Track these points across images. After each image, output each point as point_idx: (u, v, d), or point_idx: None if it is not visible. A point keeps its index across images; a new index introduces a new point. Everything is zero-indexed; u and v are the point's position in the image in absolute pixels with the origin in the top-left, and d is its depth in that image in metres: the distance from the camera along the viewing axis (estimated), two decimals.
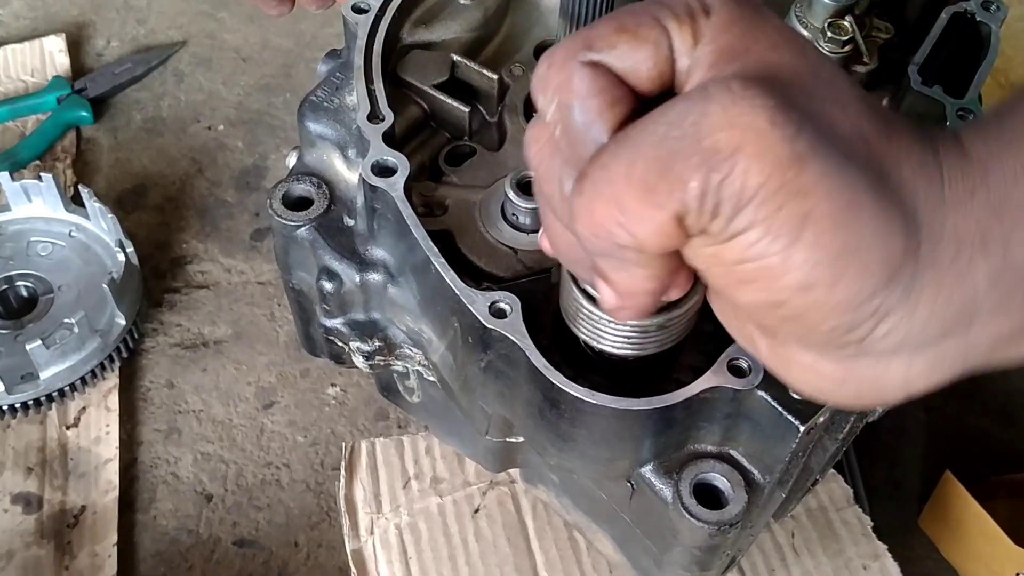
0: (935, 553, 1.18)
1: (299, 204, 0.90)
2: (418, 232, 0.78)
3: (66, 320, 1.20)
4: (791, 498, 0.94)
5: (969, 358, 0.57)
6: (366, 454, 1.17)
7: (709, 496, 0.77)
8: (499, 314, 0.75)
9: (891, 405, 0.58)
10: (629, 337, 0.71)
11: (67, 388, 1.20)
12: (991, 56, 0.92)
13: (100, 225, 1.30)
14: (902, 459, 1.26)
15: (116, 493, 1.16)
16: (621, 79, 0.54)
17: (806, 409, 0.71)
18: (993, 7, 0.96)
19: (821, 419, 0.71)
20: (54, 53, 1.58)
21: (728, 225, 0.50)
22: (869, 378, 0.57)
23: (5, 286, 1.27)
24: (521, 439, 0.91)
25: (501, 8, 1.01)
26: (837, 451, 0.92)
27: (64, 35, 1.60)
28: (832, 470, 1.12)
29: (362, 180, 0.82)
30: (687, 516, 0.75)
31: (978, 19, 0.94)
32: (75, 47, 1.61)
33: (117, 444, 1.19)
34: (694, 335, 0.78)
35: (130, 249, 1.26)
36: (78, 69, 1.58)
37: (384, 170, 0.81)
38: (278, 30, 1.67)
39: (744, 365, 0.72)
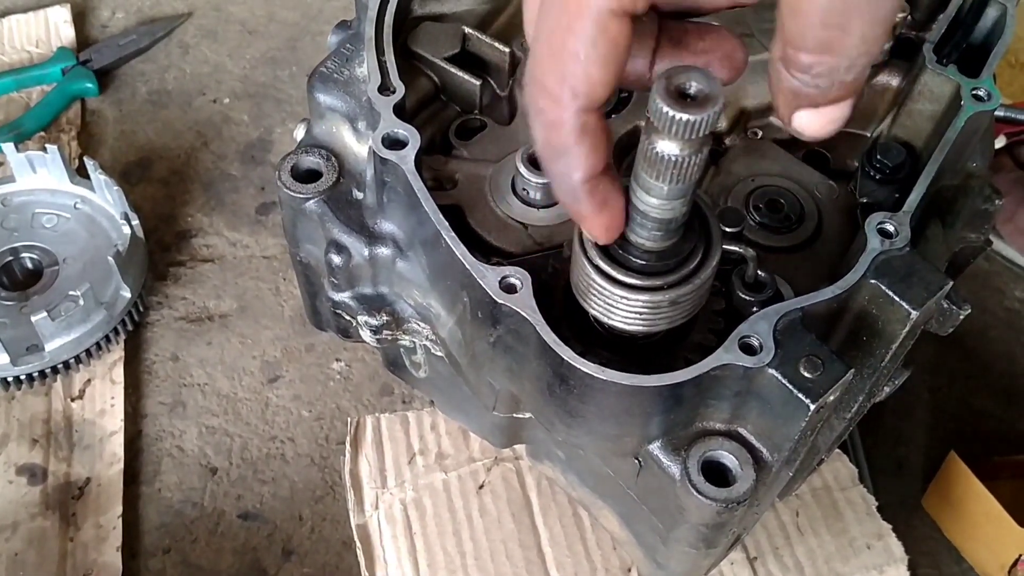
0: (937, 533, 1.19)
1: (308, 176, 0.89)
2: (428, 206, 0.78)
3: (71, 292, 1.20)
4: (796, 477, 0.94)
5: None
6: (371, 429, 1.17)
7: (717, 474, 0.76)
8: (509, 289, 0.74)
9: None
10: (640, 313, 0.70)
11: (72, 360, 1.20)
12: (1006, 36, 0.92)
13: (105, 197, 1.29)
14: (906, 439, 1.26)
15: (121, 465, 1.16)
16: None
17: (816, 387, 0.71)
18: None
19: (831, 397, 0.71)
20: (59, 24, 1.57)
21: None
22: None
23: (10, 258, 1.27)
24: (528, 415, 0.91)
25: None
26: (844, 431, 0.92)
27: (69, 5, 1.59)
28: (837, 450, 1.12)
29: (372, 153, 0.81)
30: (695, 493, 0.75)
31: None
32: (80, 18, 1.60)
33: (122, 416, 1.20)
34: (703, 314, 0.78)
35: (136, 222, 1.25)
36: (83, 40, 1.57)
37: (395, 143, 0.80)
38: (284, 3, 1.66)
39: (755, 343, 0.72)
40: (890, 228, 0.77)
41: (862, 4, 0.55)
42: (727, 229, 0.81)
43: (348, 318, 0.95)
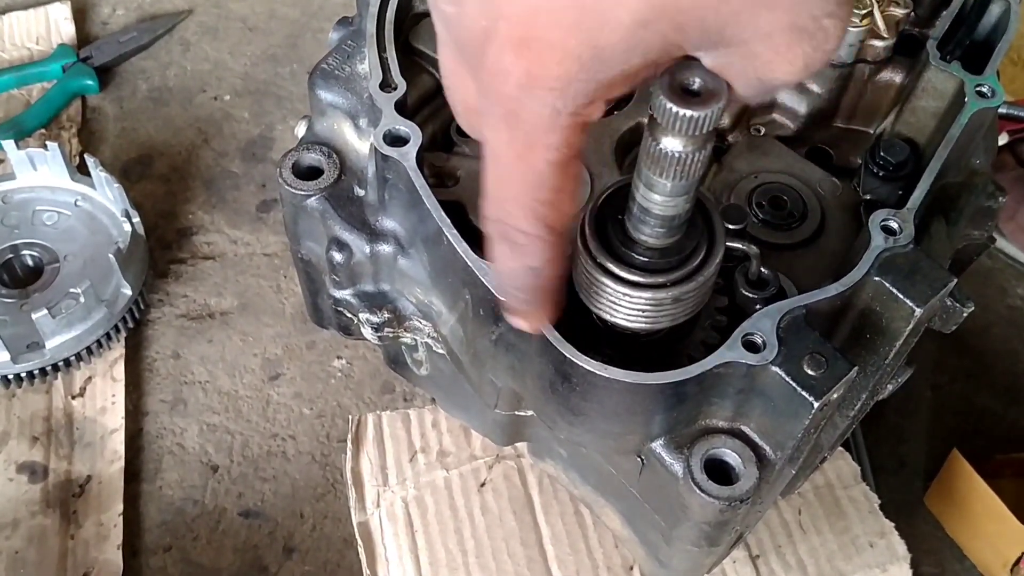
0: (940, 531, 1.19)
1: (309, 174, 0.89)
2: (430, 202, 0.77)
3: (72, 290, 1.19)
4: (799, 475, 0.94)
5: None
6: (373, 427, 1.17)
7: (720, 472, 0.76)
8: None
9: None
10: (643, 310, 0.70)
11: (73, 358, 1.20)
12: (1009, 33, 0.91)
13: (106, 195, 1.29)
14: (908, 437, 1.26)
15: (122, 463, 1.16)
16: None
17: (820, 385, 0.70)
18: None
19: (835, 395, 0.71)
20: (59, 21, 1.57)
21: None
22: None
23: (11, 255, 1.27)
24: (530, 413, 0.91)
25: None
26: (847, 428, 0.91)
27: (69, 2, 1.58)
28: (839, 447, 1.12)
29: (374, 150, 0.81)
30: (697, 491, 0.75)
31: None
32: (80, 15, 1.60)
33: (123, 414, 1.19)
34: (706, 311, 0.78)
35: (136, 219, 1.25)
36: (83, 37, 1.57)
37: (396, 139, 0.80)
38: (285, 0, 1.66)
39: (758, 340, 0.71)
40: (894, 225, 0.77)
41: None
42: (730, 226, 0.80)
43: (349, 315, 0.95)
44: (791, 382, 0.70)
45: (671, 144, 0.58)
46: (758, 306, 0.76)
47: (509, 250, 0.63)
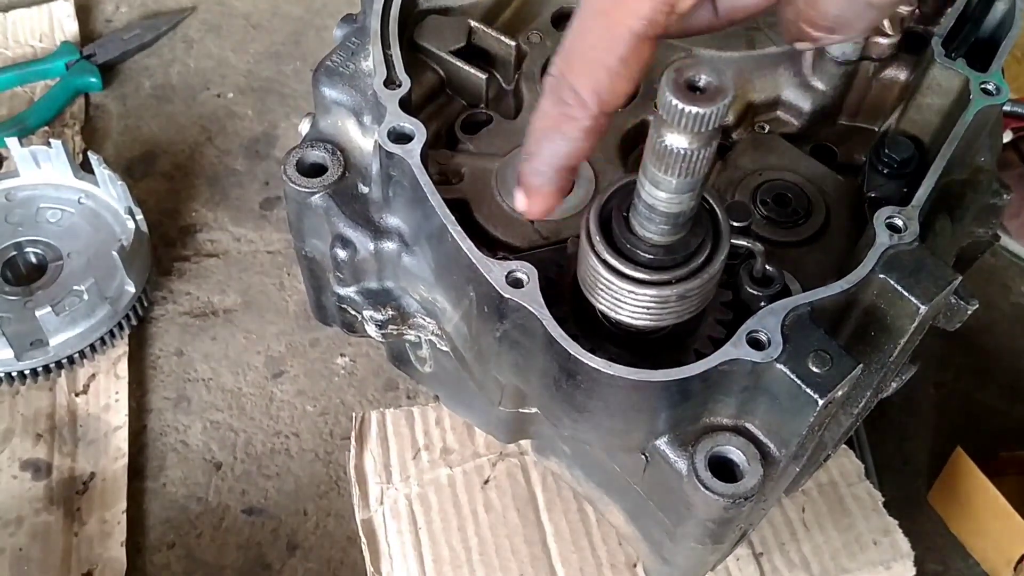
0: (943, 529, 1.19)
1: (313, 171, 0.89)
2: (435, 200, 0.77)
3: (75, 287, 1.19)
4: (803, 473, 0.94)
5: None
6: (376, 424, 1.17)
7: (724, 469, 0.76)
8: (516, 284, 0.74)
9: None
10: (648, 307, 0.70)
11: (76, 355, 1.20)
12: (1014, 30, 0.91)
13: (109, 192, 1.29)
14: (912, 435, 1.26)
15: (125, 460, 1.16)
16: None
17: (824, 382, 0.70)
18: None
19: (839, 392, 0.71)
20: (63, 18, 1.57)
21: None
22: None
23: (14, 252, 1.27)
24: (534, 410, 0.90)
25: None
26: (851, 426, 0.91)
27: (73, 0, 1.58)
28: (843, 445, 1.12)
29: (378, 147, 0.81)
30: (702, 489, 0.75)
31: None
32: (84, 12, 1.60)
33: (126, 411, 1.19)
34: (711, 307, 0.78)
35: (140, 216, 1.25)
36: (87, 35, 1.57)
37: (401, 136, 0.80)
38: None
39: (763, 338, 0.71)
40: (899, 223, 0.77)
41: None
42: (734, 224, 0.80)
43: (353, 313, 0.95)
44: (796, 379, 0.70)
45: (676, 141, 0.58)
46: (763, 303, 0.75)
47: (552, 107, 0.64)
